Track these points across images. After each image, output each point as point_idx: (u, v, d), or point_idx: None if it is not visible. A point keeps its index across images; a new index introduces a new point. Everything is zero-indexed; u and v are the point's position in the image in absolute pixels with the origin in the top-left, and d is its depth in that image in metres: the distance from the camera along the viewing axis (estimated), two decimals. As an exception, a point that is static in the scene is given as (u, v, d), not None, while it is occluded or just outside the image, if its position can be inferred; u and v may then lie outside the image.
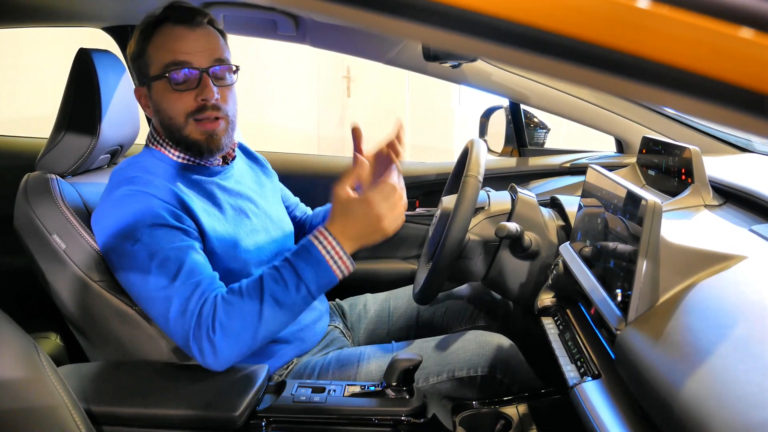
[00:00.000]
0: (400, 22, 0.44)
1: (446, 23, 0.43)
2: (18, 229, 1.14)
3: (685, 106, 0.44)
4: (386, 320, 1.47)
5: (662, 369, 0.65)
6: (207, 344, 0.97)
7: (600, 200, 0.98)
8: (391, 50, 1.56)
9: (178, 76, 1.09)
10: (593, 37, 0.40)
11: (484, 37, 0.43)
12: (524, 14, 0.41)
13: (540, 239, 1.22)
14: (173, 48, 1.09)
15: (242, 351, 1.00)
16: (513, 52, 0.43)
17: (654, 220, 0.76)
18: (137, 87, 1.18)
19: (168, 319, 1.00)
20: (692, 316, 0.72)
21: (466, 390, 1.17)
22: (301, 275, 1.00)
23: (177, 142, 1.15)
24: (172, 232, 1.04)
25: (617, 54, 0.40)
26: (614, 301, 0.82)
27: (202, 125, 1.11)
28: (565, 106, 1.64)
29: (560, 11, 0.40)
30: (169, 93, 1.11)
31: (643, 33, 0.40)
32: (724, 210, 1.12)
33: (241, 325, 0.98)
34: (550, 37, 0.41)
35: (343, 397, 1.03)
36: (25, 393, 0.78)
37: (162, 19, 1.12)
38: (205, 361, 0.99)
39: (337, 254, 1.01)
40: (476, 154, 1.21)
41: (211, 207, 1.15)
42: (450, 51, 1.19)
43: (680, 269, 0.80)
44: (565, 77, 0.46)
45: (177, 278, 0.99)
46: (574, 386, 0.83)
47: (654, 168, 1.38)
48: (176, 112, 1.11)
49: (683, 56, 0.40)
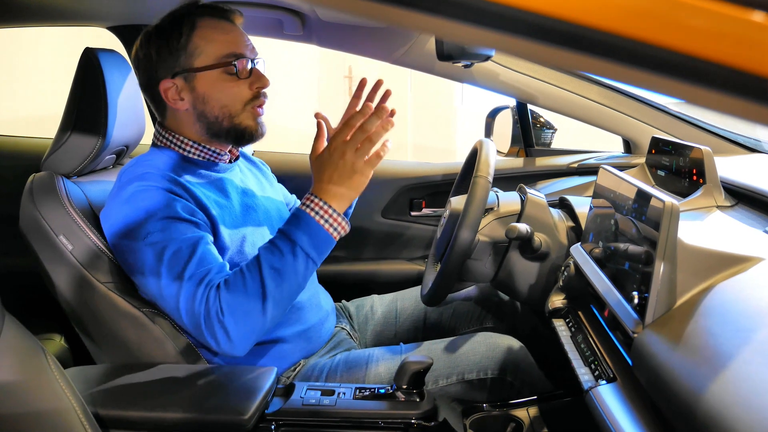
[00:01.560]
0: (427, 17, 0.43)
1: (486, 20, 0.42)
2: (23, 230, 1.13)
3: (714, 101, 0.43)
4: (393, 322, 1.46)
5: (683, 373, 0.64)
6: (219, 329, 0.98)
7: (612, 201, 0.97)
8: (398, 50, 1.55)
9: (240, 65, 1.13)
10: (624, 29, 0.40)
11: (504, 30, 0.42)
12: (548, 6, 0.40)
13: (550, 240, 1.21)
14: (227, 39, 1.13)
15: (255, 329, 0.99)
16: (533, 45, 0.43)
17: (672, 222, 0.75)
18: (166, 80, 1.13)
19: (180, 310, 1.00)
20: (711, 319, 0.71)
21: (475, 393, 1.16)
22: (294, 239, 1.01)
23: (216, 134, 1.16)
24: (183, 224, 1.04)
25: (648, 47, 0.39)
26: (630, 303, 0.80)
27: (255, 111, 1.16)
28: (574, 106, 1.62)
29: (586, 3, 0.40)
30: (224, 82, 1.13)
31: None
32: (736, 211, 1.11)
33: (246, 301, 0.98)
34: (571, 28, 0.40)
35: (353, 399, 1.02)
36: (34, 396, 0.77)
37: (200, 14, 1.14)
38: (221, 347, 0.99)
39: (327, 212, 1.03)
40: (485, 154, 1.20)
41: (222, 200, 1.15)
42: (467, 48, 1.17)
43: (697, 271, 0.79)
44: (584, 68, 0.45)
45: (187, 269, 1.00)
46: (589, 390, 0.82)
47: (663, 168, 1.37)
48: (232, 100, 1.14)
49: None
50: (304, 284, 1.04)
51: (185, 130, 1.17)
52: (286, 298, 1.02)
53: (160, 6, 1.43)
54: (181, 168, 1.14)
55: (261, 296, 0.99)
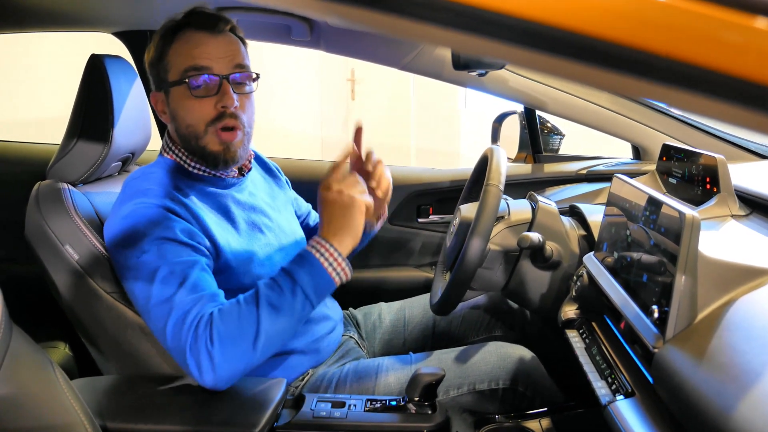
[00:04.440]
0: (438, 30, 0.42)
1: (494, 31, 0.41)
2: (29, 238, 1.11)
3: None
4: (402, 330, 1.44)
5: (709, 391, 0.62)
6: (205, 358, 0.92)
7: (627, 211, 0.96)
8: (406, 56, 1.54)
9: (197, 81, 1.07)
10: (635, 41, 0.39)
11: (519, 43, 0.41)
12: (554, 15, 0.39)
13: (561, 249, 1.20)
14: (193, 53, 1.07)
15: (241, 363, 0.94)
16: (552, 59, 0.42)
17: (693, 234, 0.73)
18: (154, 92, 1.15)
19: (165, 332, 0.96)
20: (735, 334, 0.69)
21: (487, 403, 1.14)
22: (296, 278, 0.99)
23: (193, 152, 1.13)
24: (180, 247, 1.01)
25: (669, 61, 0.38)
26: (649, 317, 0.79)
27: (220, 135, 1.09)
28: (583, 112, 1.61)
29: (590, 12, 0.39)
30: (187, 99, 1.08)
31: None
32: (751, 220, 1.10)
33: (238, 333, 0.93)
34: (578, 39, 0.39)
35: (364, 412, 1.01)
36: (42, 410, 0.76)
37: (183, 24, 1.09)
38: (203, 377, 0.93)
39: (332, 256, 1.01)
40: (496, 162, 1.18)
41: (225, 222, 1.12)
42: (483, 58, 1.16)
43: (718, 284, 0.77)
44: (600, 84, 0.44)
45: (178, 292, 0.96)
46: (607, 404, 0.80)
47: (675, 176, 1.35)
48: (195, 119, 1.09)
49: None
50: (297, 326, 1.00)
51: (181, 142, 1.14)
52: (279, 336, 0.98)
53: (165, 11, 1.42)
54: (186, 185, 1.11)
55: (254, 331, 0.94)
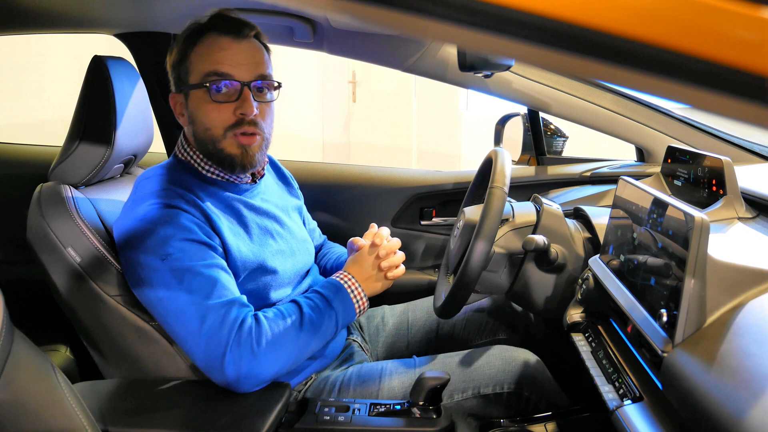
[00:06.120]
0: (451, 27, 0.41)
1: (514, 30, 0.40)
2: (31, 241, 1.10)
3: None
4: (405, 333, 1.44)
5: (720, 397, 0.61)
6: (248, 358, 0.97)
7: (633, 213, 0.95)
8: (410, 57, 1.53)
9: (218, 87, 1.07)
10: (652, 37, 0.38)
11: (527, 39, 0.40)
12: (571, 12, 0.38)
13: (566, 252, 1.19)
14: (216, 58, 1.07)
15: (275, 369, 1.00)
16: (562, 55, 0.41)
17: (702, 237, 0.73)
18: (174, 93, 1.14)
19: (200, 335, 0.97)
20: (746, 338, 0.69)
21: (491, 407, 1.13)
22: (333, 305, 1.08)
23: (209, 155, 1.13)
24: (202, 248, 1.01)
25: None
26: (658, 321, 0.78)
27: (238, 138, 1.09)
28: (587, 114, 1.60)
29: (612, 10, 0.38)
30: (207, 103, 1.08)
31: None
32: (758, 223, 1.09)
33: (282, 342, 1.00)
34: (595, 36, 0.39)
35: (368, 416, 1.00)
36: (44, 416, 0.75)
37: (208, 27, 1.09)
38: (240, 376, 0.97)
39: (359, 294, 1.13)
40: (501, 164, 1.17)
41: (237, 226, 1.12)
42: (489, 58, 1.15)
43: (727, 288, 0.76)
44: (610, 78, 0.43)
45: (210, 295, 0.98)
46: (615, 409, 0.80)
47: (680, 178, 1.34)
48: (213, 123, 1.09)
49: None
50: (319, 346, 1.09)
51: (197, 145, 1.14)
52: (309, 352, 1.06)
53: (167, 13, 1.42)
54: (199, 188, 1.11)
55: (295, 343, 1.02)
